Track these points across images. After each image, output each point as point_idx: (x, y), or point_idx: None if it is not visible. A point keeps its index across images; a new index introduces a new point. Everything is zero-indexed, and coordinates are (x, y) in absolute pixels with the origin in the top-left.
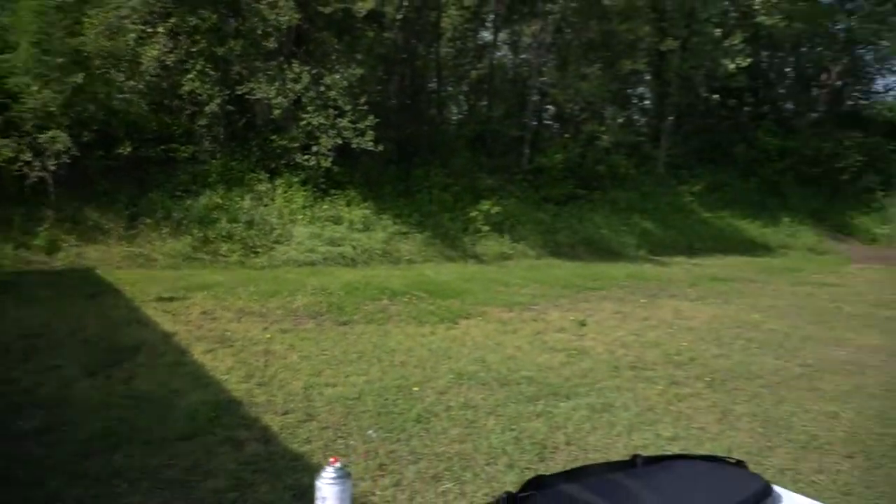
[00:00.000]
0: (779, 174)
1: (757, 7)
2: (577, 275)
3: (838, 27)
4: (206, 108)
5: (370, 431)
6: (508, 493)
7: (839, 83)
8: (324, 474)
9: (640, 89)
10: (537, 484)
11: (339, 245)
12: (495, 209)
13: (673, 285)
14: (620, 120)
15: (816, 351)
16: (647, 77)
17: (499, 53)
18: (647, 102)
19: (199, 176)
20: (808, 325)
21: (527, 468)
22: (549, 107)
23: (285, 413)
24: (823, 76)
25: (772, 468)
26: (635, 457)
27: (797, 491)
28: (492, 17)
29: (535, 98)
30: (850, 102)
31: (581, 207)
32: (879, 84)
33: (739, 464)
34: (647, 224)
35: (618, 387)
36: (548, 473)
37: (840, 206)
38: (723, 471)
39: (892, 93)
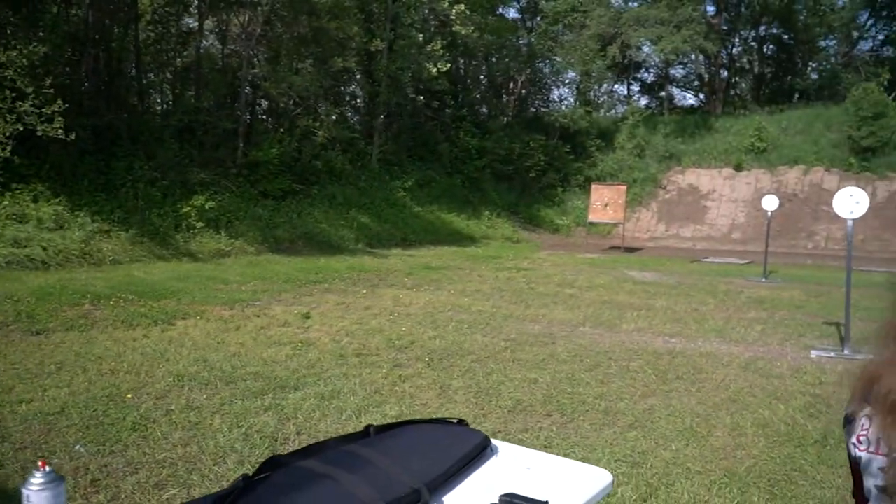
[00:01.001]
0: (479, 171)
1: (453, 17)
2: (298, 269)
3: (521, 41)
4: None
5: (77, 446)
6: (244, 476)
7: (523, 91)
8: (31, 480)
9: (352, 87)
10: (273, 464)
11: (25, 246)
12: (209, 204)
13: (391, 275)
14: (334, 116)
15: (517, 327)
16: (358, 76)
17: (205, 42)
18: (358, 100)
19: None
20: (508, 305)
21: (258, 462)
22: (262, 100)
23: None
24: (511, 85)
25: (486, 431)
26: (368, 427)
27: None
28: (196, 2)
29: (247, 90)
30: (532, 109)
31: (300, 202)
32: (555, 94)
33: (461, 423)
34: (364, 218)
35: (345, 374)
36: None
37: (529, 200)
38: (447, 430)
39: (565, 102)
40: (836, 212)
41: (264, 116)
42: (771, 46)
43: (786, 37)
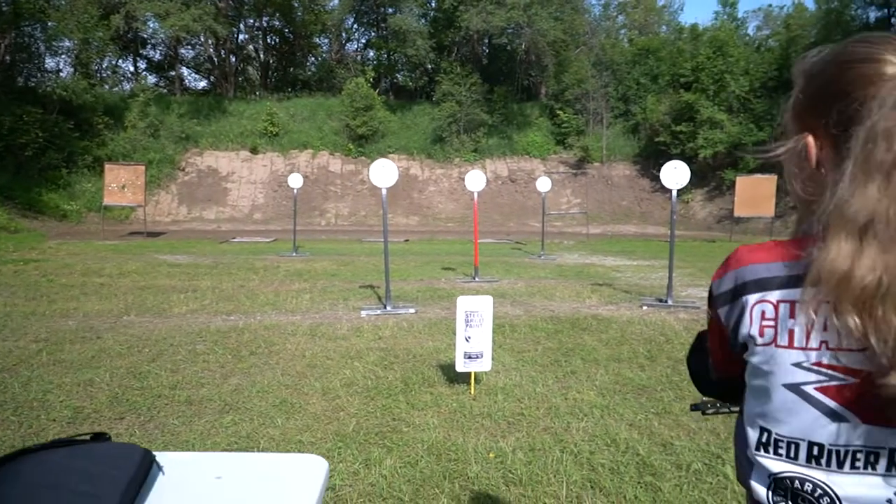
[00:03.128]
0: None
1: None
2: None
3: None
4: None
5: None
6: None
7: (8, 57)
8: None
9: None
10: None
11: None
12: None
13: None
14: None
15: (45, 325)
16: None
17: None
18: None
19: None
20: (27, 302)
21: None
22: None
23: None
24: None
25: None
26: None
27: None
28: None
29: None
30: (21, 78)
31: None
32: (50, 63)
33: (100, 437)
34: None
35: None
36: None
37: (27, 184)
38: (81, 454)
39: (62, 73)
40: (373, 182)
41: None
42: (274, 37)
43: (286, 30)
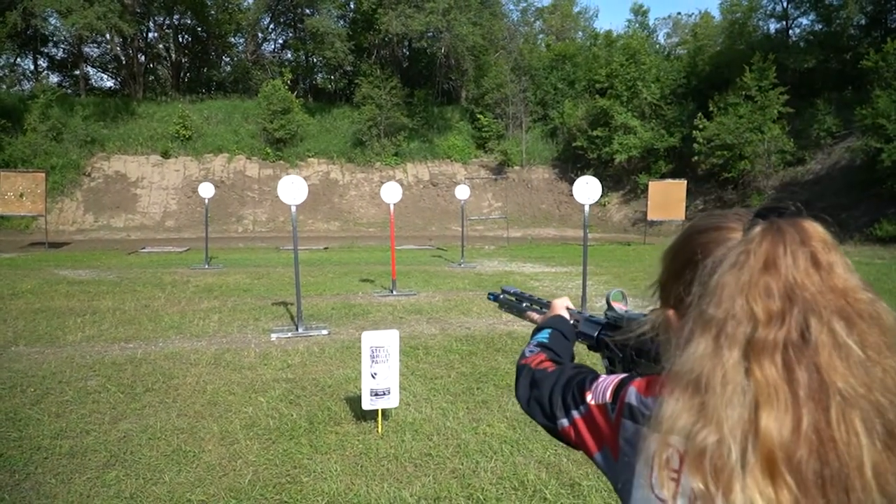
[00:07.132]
0: None
1: None
2: None
3: None
4: None
5: None
6: None
7: None
8: None
9: None
10: None
11: None
12: None
13: None
14: None
15: None
16: None
17: None
18: None
19: None
20: None
21: None
22: None
23: None
24: None
25: None
26: None
27: None
28: None
29: None
30: None
31: None
32: None
33: None
34: None
35: None
36: None
37: None
38: None
39: None
40: (281, 196)
41: None
42: (186, 36)
43: (199, 29)
